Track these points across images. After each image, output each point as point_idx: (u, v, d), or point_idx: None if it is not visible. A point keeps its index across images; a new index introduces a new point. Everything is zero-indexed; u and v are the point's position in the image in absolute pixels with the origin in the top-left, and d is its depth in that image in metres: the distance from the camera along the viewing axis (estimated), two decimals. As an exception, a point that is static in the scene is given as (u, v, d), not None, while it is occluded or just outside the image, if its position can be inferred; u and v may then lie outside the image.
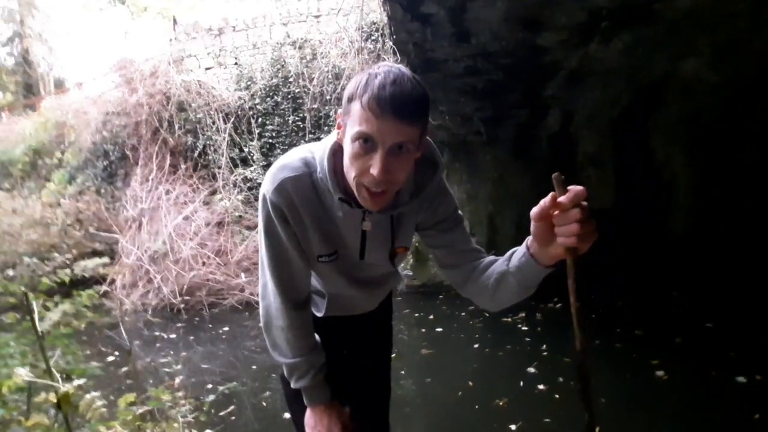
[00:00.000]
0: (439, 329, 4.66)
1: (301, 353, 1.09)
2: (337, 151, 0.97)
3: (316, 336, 1.14)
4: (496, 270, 0.98)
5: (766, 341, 3.64)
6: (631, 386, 3.07)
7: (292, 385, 1.11)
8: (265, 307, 1.10)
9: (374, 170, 0.85)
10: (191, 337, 5.16)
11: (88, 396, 1.06)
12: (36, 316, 1.09)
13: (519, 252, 0.91)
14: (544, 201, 0.76)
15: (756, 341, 3.68)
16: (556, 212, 0.74)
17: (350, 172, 0.90)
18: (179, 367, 4.11)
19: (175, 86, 7.76)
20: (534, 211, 0.77)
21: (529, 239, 0.87)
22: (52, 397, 0.98)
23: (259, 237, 1.06)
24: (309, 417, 1.13)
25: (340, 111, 0.92)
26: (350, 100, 0.87)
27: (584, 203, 0.72)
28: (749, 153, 5.34)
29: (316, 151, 1.01)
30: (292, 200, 0.98)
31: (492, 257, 1.04)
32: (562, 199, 0.72)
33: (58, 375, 1.01)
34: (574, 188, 0.72)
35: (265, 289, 1.09)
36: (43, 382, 1.03)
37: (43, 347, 1.05)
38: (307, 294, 1.13)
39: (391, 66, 0.87)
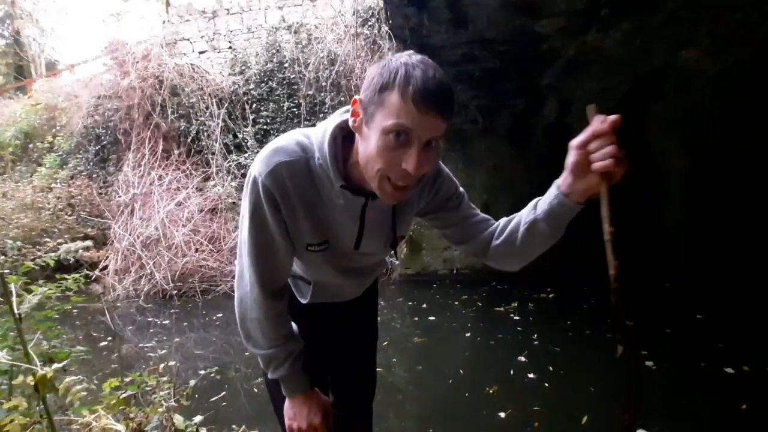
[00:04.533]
0: (432, 318, 4.67)
1: (277, 343, 1.05)
2: (337, 137, 0.93)
3: (293, 324, 1.11)
4: (523, 221, 0.99)
5: (754, 333, 3.69)
6: (621, 376, 3.09)
7: (269, 376, 1.08)
8: (240, 296, 1.04)
9: (408, 166, 0.82)
10: (184, 323, 5.15)
11: (67, 379, 1.04)
12: (14, 299, 1.06)
13: (548, 196, 0.93)
14: (586, 130, 0.80)
15: (744, 333, 3.72)
16: (593, 142, 0.79)
17: (374, 164, 0.85)
18: (172, 352, 4.11)
19: (167, 70, 7.63)
20: (575, 140, 0.82)
21: (558, 181, 0.90)
22: (30, 380, 0.97)
23: (243, 221, 0.98)
24: (288, 407, 1.10)
25: (358, 97, 0.86)
26: (383, 89, 0.81)
27: None
28: (744, 146, 5.33)
29: (312, 136, 0.96)
30: (286, 186, 0.92)
31: (504, 218, 1.06)
32: (601, 126, 0.78)
33: (36, 358, 0.99)
34: (612, 116, 0.78)
35: (241, 278, 1.03)
36: (21, 365, 1.01)
37: (21, 330, 1.03)
38: (284, 283, 1.09)
39: (421, 57, 0.84)
